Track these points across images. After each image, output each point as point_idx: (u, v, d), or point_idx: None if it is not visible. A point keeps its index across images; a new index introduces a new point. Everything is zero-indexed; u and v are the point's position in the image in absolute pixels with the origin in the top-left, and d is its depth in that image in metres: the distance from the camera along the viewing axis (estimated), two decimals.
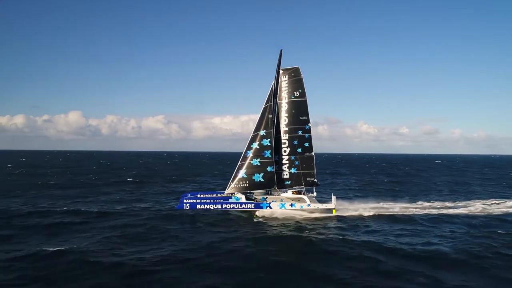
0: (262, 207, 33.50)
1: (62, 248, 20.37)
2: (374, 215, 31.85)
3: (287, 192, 35.08)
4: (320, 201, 35.78)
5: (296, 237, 23.98)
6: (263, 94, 35.30)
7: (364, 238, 24.30)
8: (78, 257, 19.15)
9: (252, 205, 33.60)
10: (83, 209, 33.82)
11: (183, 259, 19.34)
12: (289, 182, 35.13)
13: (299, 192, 34.80)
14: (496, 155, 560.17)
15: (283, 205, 33.53)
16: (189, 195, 35.54)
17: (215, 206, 33.72)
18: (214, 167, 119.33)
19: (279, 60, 35.58)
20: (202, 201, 33.91)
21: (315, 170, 35.14)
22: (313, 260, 19.73)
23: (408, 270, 18.33)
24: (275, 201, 33.94)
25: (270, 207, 33.48)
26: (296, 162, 35.06)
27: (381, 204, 38.40)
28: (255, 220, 30.54)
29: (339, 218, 30.72)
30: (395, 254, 20.71)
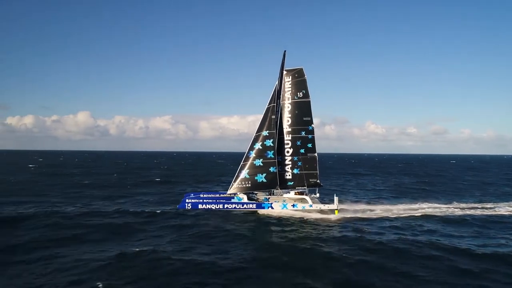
0: (264, 208, 33.80)
1: (144, 248, 20.95)
2: (423, 216, 32.15)
3: (289, 193, 35.24)
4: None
5: (361, 237, 24.32)
6: (268, 94, 35.40)
7: (425, 238, 24.67)
8: (163, 256, 19.73)
9: (254, 205, 33.91)
10: (133, 209, 34.38)
11: (264, 257, 19.99)
12: (292, 183, 35.32)
13: (301, 193, 34.91)
14: (509, 155, 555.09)
15: (285, 206, 33.73)
16: (192, 195, 35.91)
17: (217, 206, 34.05)
18: (232, 167, 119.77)
19: (282, 61, 35.87)
20: (204, 201, 34.28)
21: (318, 171, 35.22)
22: (389, 258, 20.20)
23: (487, 269, 18.70)
24: (277, 202, 34.14)
25: (272, 208, 33.74)
26: (299, 163, 35.22)
27: (422, 205, 38.69)
28: (306, 218, 31.04)
29: (390, 219, 31.09)
30: (466, 254, 21.07)
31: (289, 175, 35.46)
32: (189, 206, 34.23)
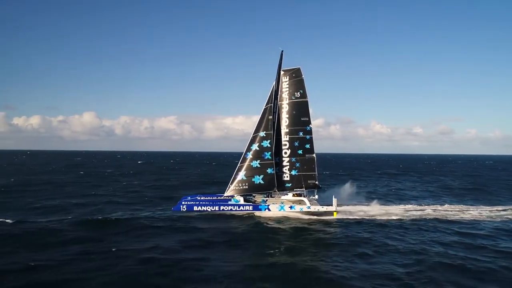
0: (260, 209, 33.24)
1: (292, 259, 20.59)
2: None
3: (287, 194, 34.83)
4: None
5: (489, 244, 24.24)
6: (266, 95, 34.92)
7: None
8: (306, 265, 19.63)
9: (251, 207, 33.34)
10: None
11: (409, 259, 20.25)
12: (290, 184, 34.85)
13: (299, 195, 34.48)
14: None
15: (282, 207, 33.18)
16: (189, 197, 35.25)
17: (213, 208, 33.37)
18: None
19: (280, 60, 35.50)
20: (200, 203, 33.65)
21: (316, 172, 34.71)
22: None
23: None
24: (275, 203, 33.66)
25: (269, 209, 33.18)
26: (297, 164, 34.73)
27: (497, 207, 38.38)
28: (383, 217, 31.53)
29: (483, 220, 31.43)
30: None
31: (287, 177, 34.93)
32: (184, 208, 33.39)
